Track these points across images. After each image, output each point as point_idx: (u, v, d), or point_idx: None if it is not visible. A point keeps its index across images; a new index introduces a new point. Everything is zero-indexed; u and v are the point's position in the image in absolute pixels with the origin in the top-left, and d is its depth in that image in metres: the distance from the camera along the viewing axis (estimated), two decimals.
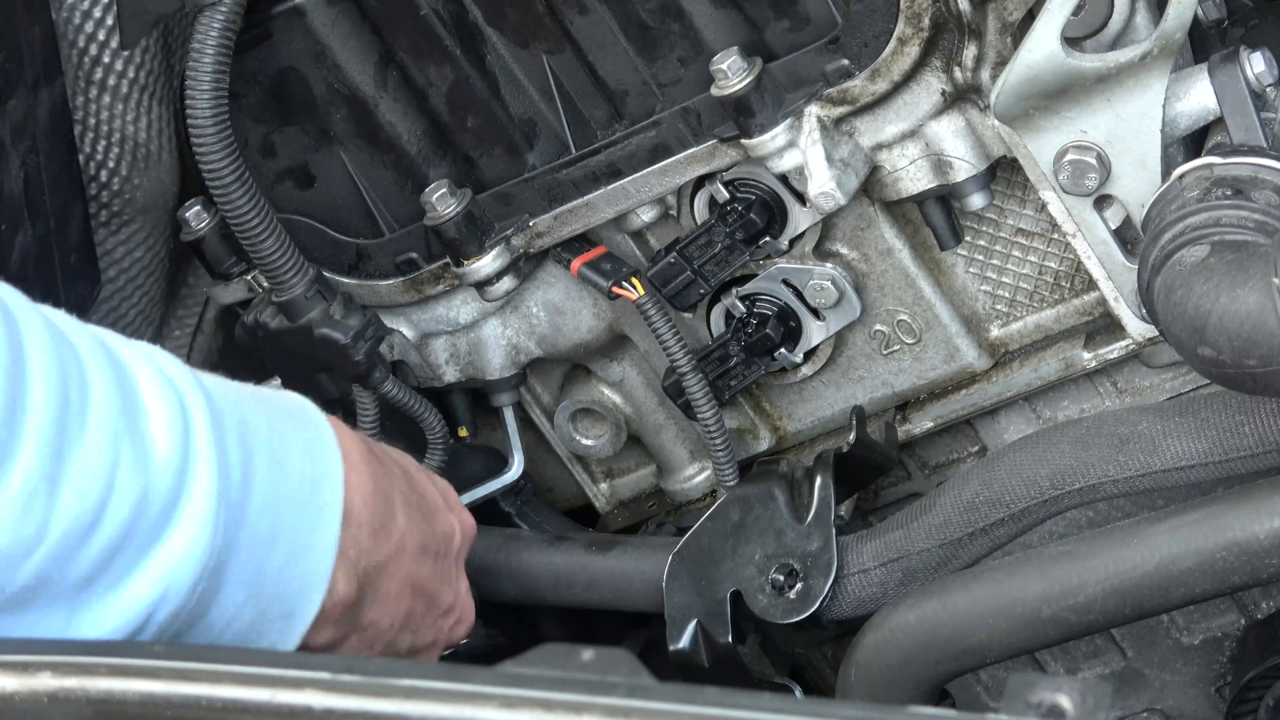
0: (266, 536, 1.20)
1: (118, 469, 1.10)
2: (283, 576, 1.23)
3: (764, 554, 1.58)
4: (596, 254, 1.59)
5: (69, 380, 1.10)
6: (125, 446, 1.11)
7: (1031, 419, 1.70)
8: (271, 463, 1.22)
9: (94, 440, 1.10)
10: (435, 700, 0.95)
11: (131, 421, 1.13)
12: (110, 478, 1.10)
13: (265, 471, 1.21)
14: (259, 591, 1.21)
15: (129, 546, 1.12)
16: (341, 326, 1.60)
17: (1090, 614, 1.42)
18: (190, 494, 1.14)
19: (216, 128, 1.49)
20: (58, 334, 1.12)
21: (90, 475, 1.09)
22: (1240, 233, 1.35)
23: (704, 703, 0.92)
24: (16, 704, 0.98)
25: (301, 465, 1.25)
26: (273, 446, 1.23)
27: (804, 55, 1.51)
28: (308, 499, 1.25)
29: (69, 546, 1.09)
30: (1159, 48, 1.42)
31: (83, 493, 1.09)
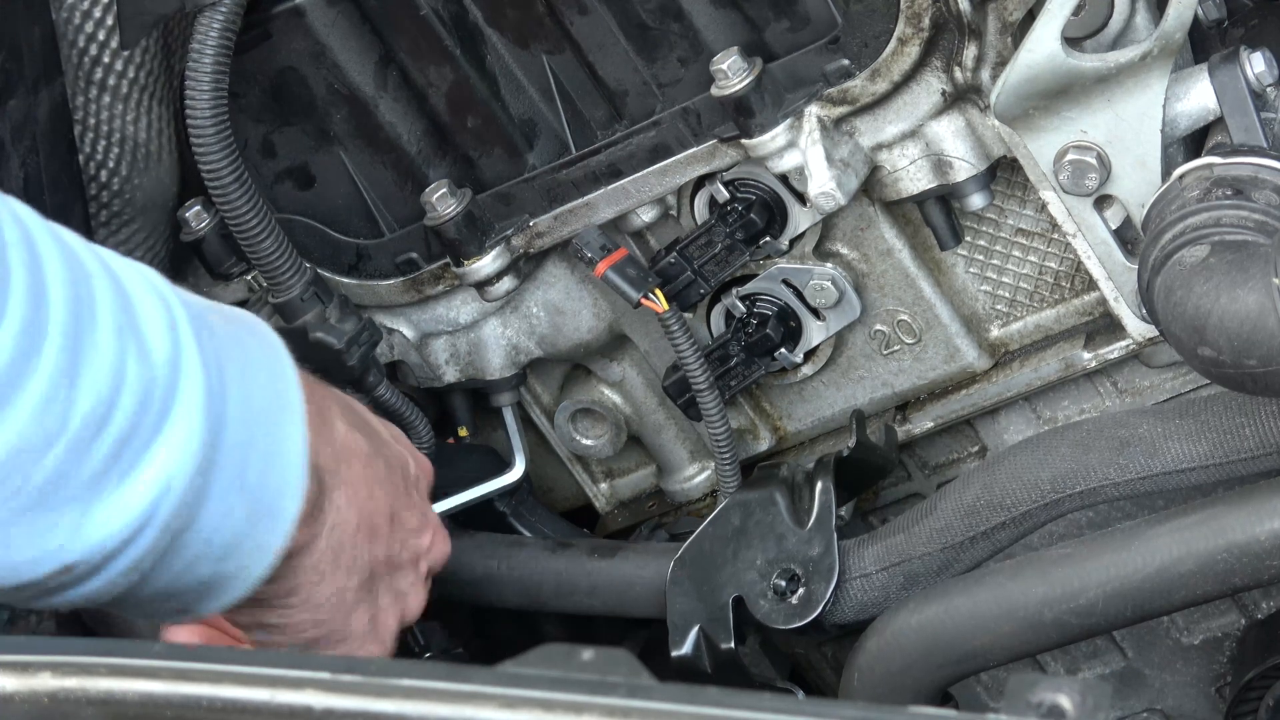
0: (244, 438, 1.24)
1: (126, 361, 1.15)
2: (263, 477, 1.26)
3: (765, 559, 1.58)
4: (619, 257, 1.59)
5: (79, 281, 1.15)
6: (129, 341, 1.16)
7: (1031, 419, 1.69)
8: (241, 368, 1.26)
9: (104, 336, 1.15)
10: (435, 700, 0.95)
11: (130, 319, 1.18)
12: (120, 370, 1.15)
13: (237, 376, 1.25)
14: (243, 491, 1.24)
15: (136, 438, 1.16)
16: (336, 331, 1.61)
17: (1092, 617, 1.42)
18: (183, 388, 1.19)
19: (216, 128, 1.49)
20: (62, 240, 1.17)
21: (103, 368, 1.14)
22: (1240, 233, 1.35)
23: (704, 703, 0.92)
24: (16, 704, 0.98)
25: (264, 372, 1.29)
26: (239, 354, 1.27)
27: (804, 55, 1.51)
28: (274, 402, 1.29)
29: (85, 438, 1.14)
30: (1159, 48, 1.42)
31: (98, 384, 1.14)
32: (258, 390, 1.27)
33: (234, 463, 1.24)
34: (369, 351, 1.63)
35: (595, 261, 1.58)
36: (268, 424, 1.27)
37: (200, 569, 1.25)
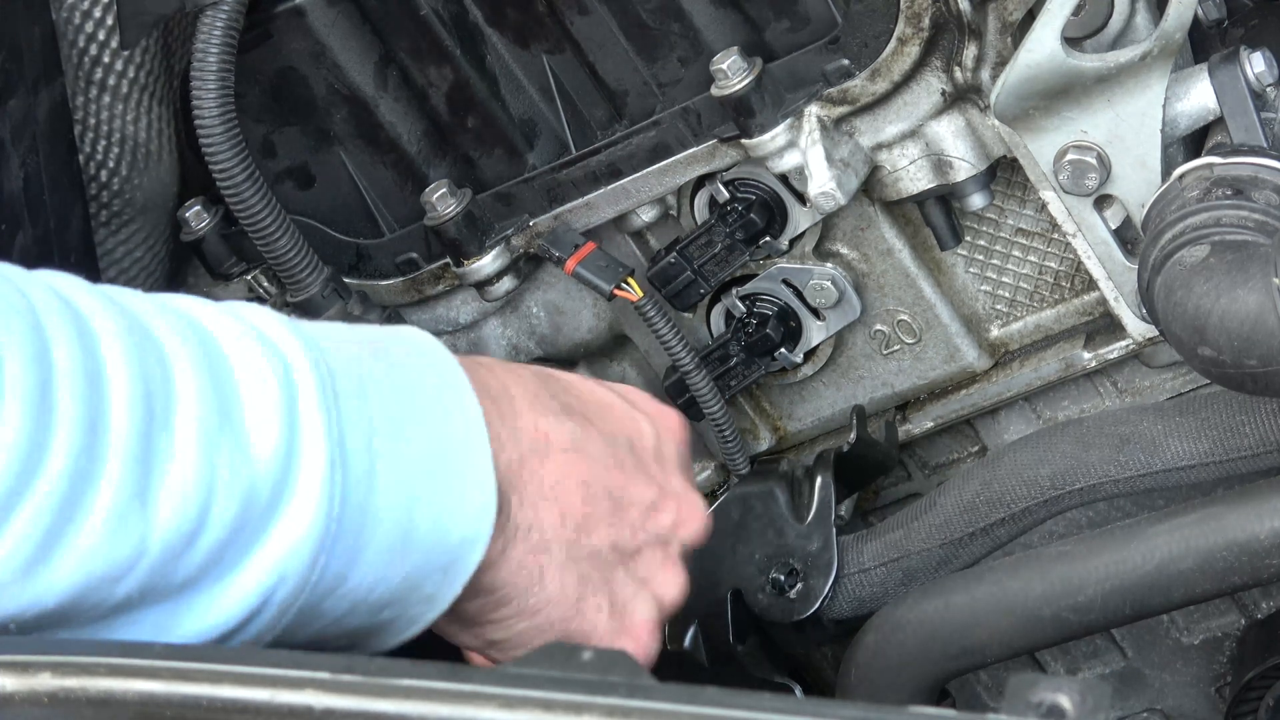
0: (404, 499, 1.14)
1: (216, 472, 1.05)
2: (437, 529, 1.16)
3: (764, 554, 1.58)
4: (587, 251, 1.58)
5: (152, 384, 1.04)
6: (222, 446, 1.06)
7: (1031, 419, 1.70)
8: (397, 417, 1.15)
9: (184, 448, 1.04)
10: (435, 700, 0.95)
11: (226, 415, 1.07)
12: (210, 480, 1.05)
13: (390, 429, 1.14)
14: (407, 555, 1.15)
15: (239, 540, 1.07)
16: (363, 323, 1.59)
17: (1090, 614, 1.43)
18: (298, 474, 1.09)
19: (225, 127, 1.48)
20: (136, 330, 1.06)
21: (186, 484, 1.04)
22: (1240, 233, 1.35)
23: (704, 703, 0.92)
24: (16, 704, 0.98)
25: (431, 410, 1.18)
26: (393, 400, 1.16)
27: (804, 55, 1.51)
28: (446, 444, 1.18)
29: (171, 556, 1.05)
30: (1159, 48, 1.42)
31: (180, 504, 1.04)
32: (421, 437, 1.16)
33: (390, 522, 1.13)
34: None
35: (564, 260, 1.57)
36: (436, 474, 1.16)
37: (350, 624, 1.16)
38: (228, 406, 1.07)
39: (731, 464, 1.66)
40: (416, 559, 1.16)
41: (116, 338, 1.04)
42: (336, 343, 1.16)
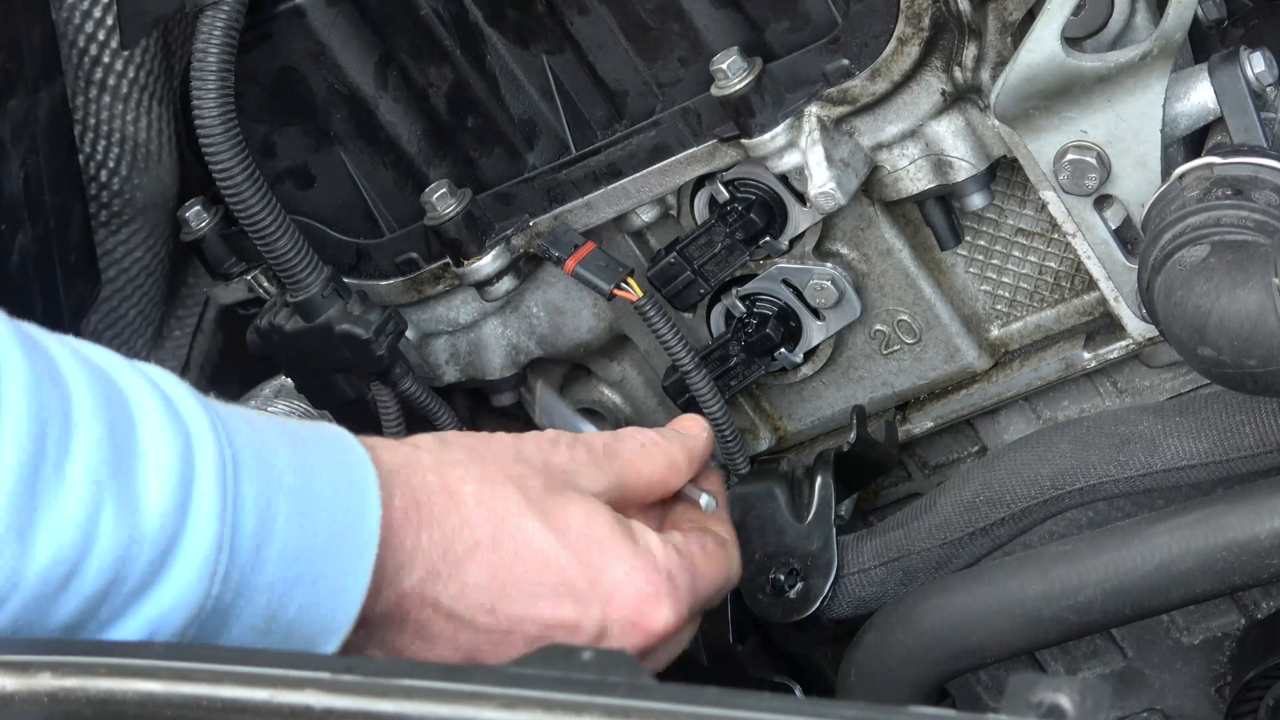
0: (284, 583, 1.17)
1: (100, 517, 1.07)
2: (301, 620, 1.19)
3: (764, 553, 1.58)
4: (587, 251, 1.58)
5: (48, 426, 1.06)
6: (109, 496, 1.08)
7: (1031, 419, 1.70)
8: (295, 509, 1.17)
9: (71, 492, 1.06)
10: (435, 700, 0.95)
11: (121, 470, 1.09)
12: (91, 527, 1.07)
13: (287, 518, 1.16)
14: (270, 631, 1.18)
15: (115, 596, 1.09)
16: (363, 322, 1.59)
17: (1090, 614, 1.43)
18: (186, 542, 1.11)
19: (225, 127, 1.48)
20: (45, 373, 1.08)
21: (67, 525, 1.06)
22: (1240, 233, 1.35)
23: (704, 703, 0.92)
24: (16, 704, 0.98)
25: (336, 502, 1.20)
26: (302, 491, 1.18)
27: (804, 55, 1.51)
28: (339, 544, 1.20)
29: (46, 595, 1.06)
30: (1159, 48, 1.42)
31: (58, 543, 1.06)
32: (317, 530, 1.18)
33: (266, 605, 1.16)
34: (396, 341, 1.62)
35: (564, 259, 1.58)
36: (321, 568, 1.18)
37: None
38: (124, 463, 1.09)
39: (731, 464, 1.66)
40: (278, 640, 1.18)
41: (20, 374, 1.06)
42: (248, 426, 1.17)
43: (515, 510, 1.29)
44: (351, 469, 1.22)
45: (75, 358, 1.11)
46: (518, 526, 1.29)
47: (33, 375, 1.06)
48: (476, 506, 1.29)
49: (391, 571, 1.24)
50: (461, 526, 1.28)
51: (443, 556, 1.27)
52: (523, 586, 1.29)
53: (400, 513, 1.25)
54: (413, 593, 1.26)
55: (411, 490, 1.26)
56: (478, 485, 1.29)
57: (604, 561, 1.31)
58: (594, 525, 1.32)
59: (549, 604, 1.29)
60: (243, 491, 1.14)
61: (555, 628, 1.30)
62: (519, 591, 1.29)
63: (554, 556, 1.29)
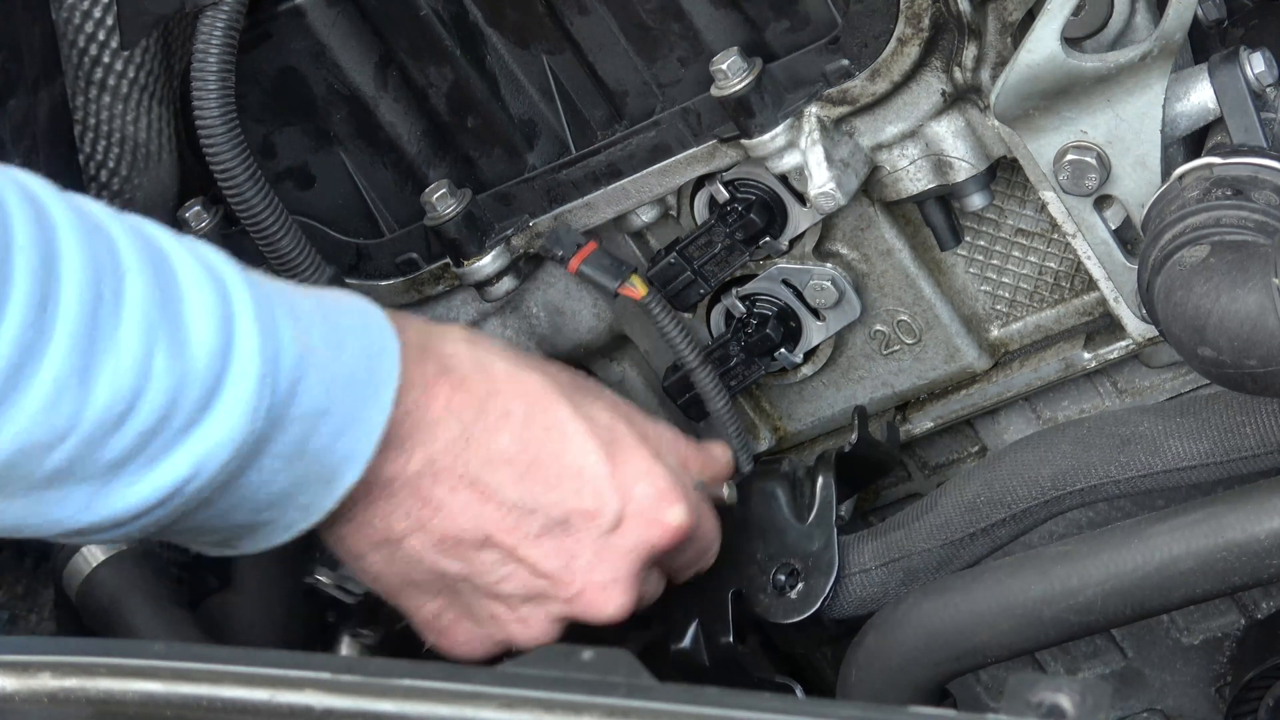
0: (316, 412, 1.22)
1: (153, 360, 1.13)
2: (327, 448, 1.25)
3: (765, 553, 1.58)
4: (590, 250, 1.58)
5: (103, 273, 1.13)
6: (161, 338, 1.14)
7: (1031, 419, 1.70)
8: (330, 342, 1.24)
9: (127, 334, 1.13)
10: (435, 700, 0.95)
11: (169, 312, 1.15)
12: (145, 369, 1.13)
13: (321, 350, 1.23)
14: (299, 461, 1.23)
15: (165, 432, 1.15)
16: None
17: (1091, 614, 1.42)
18: (232, 379, 1.17)
19: (226, 128, 1.49)
20: (92, 225, 1.14)
21: (124, 368, 1.12)
22: (1240, 233, 1.35)
23: (704, 703, 0.92)
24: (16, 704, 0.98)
25: (357, 345, 1.26)
26: (327, 330, 1.24)
27: (804, 55, 1.51)
28: (364, 376, 1.26)
29: (101, 434, 1.13)
30: (1159, 48, 1.42)
31: (116, 385, 1.12)
32: (345, 361, 1.25)
33: (297, 435, 1.22)
34: None
35: (568, 258, 1.58)
36: (349, 396, 1.25)
37: (233, 518, 1.24)
38: (171, 307, 1.15)
39: (736, 458, 1.65)
40: (305, 468, 1.24)
41: (73, 228, 1.12)
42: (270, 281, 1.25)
43: (546, 393, 1.36)
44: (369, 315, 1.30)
45: (111, 213, 1.17)
46: (548, 407, 1.35)
47: (83, 226, 1.13)
48: (509, 381, 1.35)
49: (425, 428, 1.31)
50: (493, 394, 1.34)
51: (475, 418, 1.33)
52: (550, 466, 1.35)
53: (431, 374, 1.31)
54: (445, 453, 1.32)
55: (443, 357, 1.33)
56: (510, 365, 1.36)
57: (626, 456, 1.37)
58: (617, 425, 1.39)
59: (572, 488, 1.35)
60: (280, 328, 1.20)
61: (575, 513, 1.36)
62: (546, 471, 1.35)
63: (580, 442, 1.35)
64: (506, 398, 1.35)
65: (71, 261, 1.12)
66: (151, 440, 1.15)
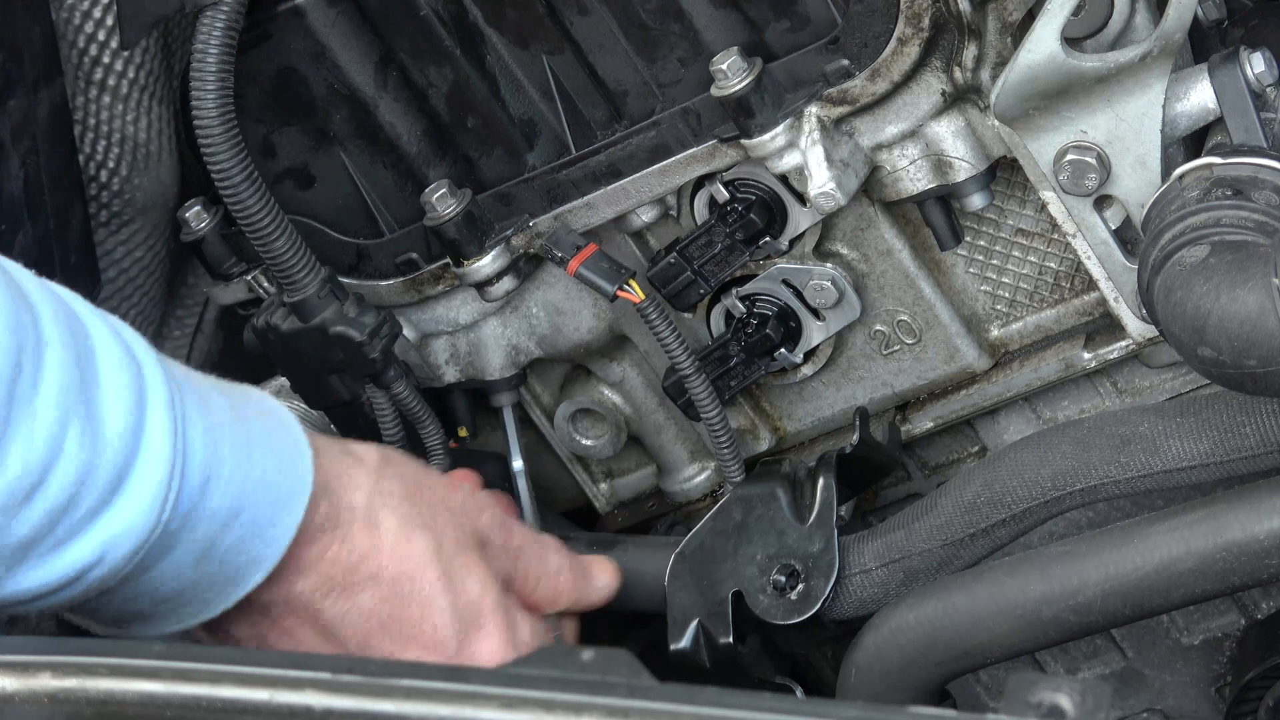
0: (226, 514, 1.22)
1: (66, 434, 1.12)
2: (235, 549, 1.25)
3: (766, 554, 1.58)
4: (590, 253, 1.58)
5: (25, 345, 1.11)
6: (75, 415, 1.13)
7: (1031, 419, 1.70)
8: (241, 443, 1.24)
9: (44, 406, 1.11)
10: (435, 700, 0.95)
11: (85, 392, 1.14)
12: (58, 442, 1.12)
13: (230, 452, 1.23)
14: (207, 560, 1.23)
15: (72, 513, 1.14)
16: (357, 324, 1.59)
17: (1090, 614, 1.42)
18: (141, 463, 1.16)
19: (224, 128, 1.48)
20: (18, 294, 1.13)
21: (37, 441, 1.11)
22: (1240, 233, 1.35)
23: (704, 703, 0.92)
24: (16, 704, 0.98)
25: (270, 454, 1.27)
26: (239, 430, 1.25)
27: (804, 55, 1.51)
28: (273, 485, 1.26)
29: (11, 505, 1.11)
30: (1159, 48, 1.42)
31: (28, 457, 1.10)
32: (257, 466, 1.25)
33: (206, 533, 1.22)
34: (390, 344, 1.62)
35: (566, 260, 1.58)
36: (258, 500, 1.25)
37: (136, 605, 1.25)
38: (87, 384, 1.14)
39: (726, 470, 1.65)
40: (211, 568, 1.24)
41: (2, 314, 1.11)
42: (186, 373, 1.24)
43: (423, 561, 1.37)
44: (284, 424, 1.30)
45: (38, 284, 1.16)
46: (418, 576, 1.37)
47: (9, 294, 1.12)
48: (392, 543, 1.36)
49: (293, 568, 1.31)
50: (371, 555, 1.35)
51: (344, 573, 1.34)
52: (402, 628, 1.37)
53: (321, 518, 1.32)
54: (303, 594, 1.33)
55: (337, 502, 1.33)
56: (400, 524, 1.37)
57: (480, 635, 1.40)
58: (485, 598, 1.41)
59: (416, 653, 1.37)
60: (191, 421, 1.20)
61: None
62: (397, 631, 1.37)
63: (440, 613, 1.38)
64: (382, 560, 1.36)
65: None
66: (60, 520, 1.13)
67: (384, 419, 1.66)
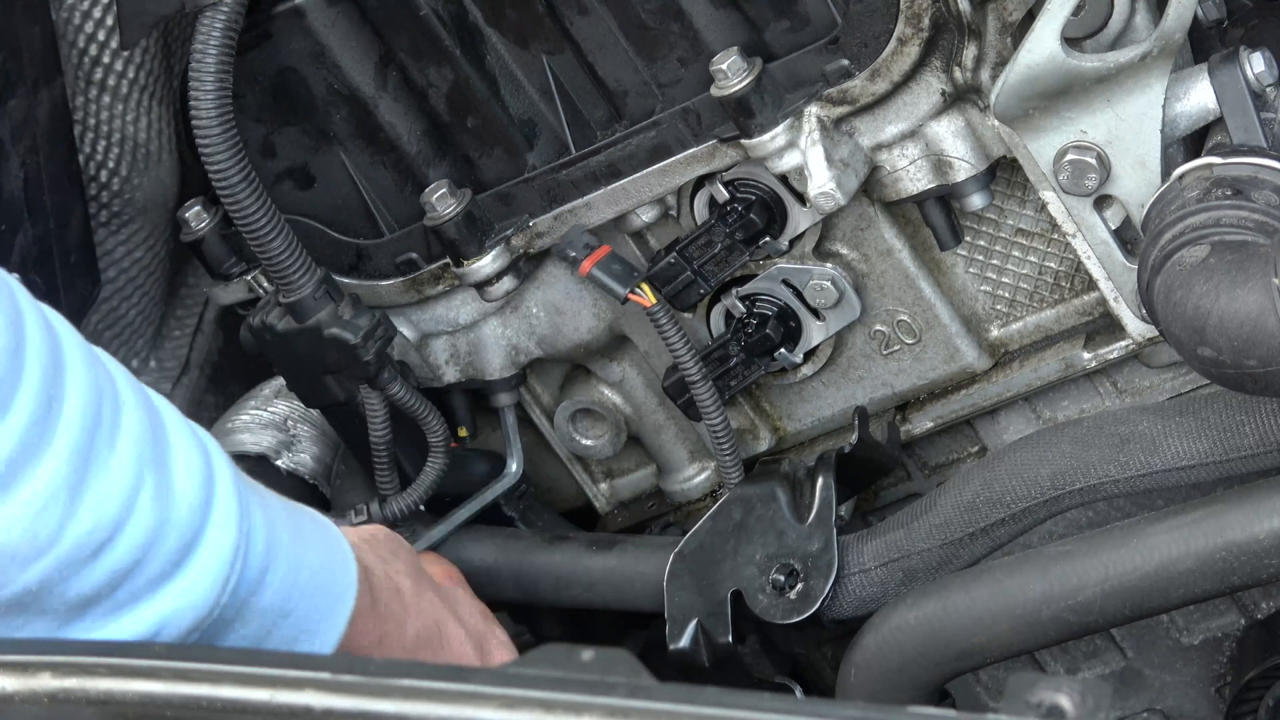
0: (276, 612, 1.20)
1: (140, 494, 1.10)
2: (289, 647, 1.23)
3: (765, 554, 1.58)
4: (603, 254, 1.59)
5: (104, 398, 1.10)
6: (149, 474, 1.11)
7: (1031, 419, 1.70)
8: (294, 539, 1.22)
9: (120, 461, 1.10)
10: (435, 700, 0.95)
11: (159, 454, 1.13)
12: (131, 501, 1.10)
13: (287, 544, 1.21)
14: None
15: (140, 574, 1.12)
16: (351, 326, 1.59)
17: (1090, 614, 1.43)
18: (208, 539, 1.15)
19: (222, 128, 1.48)
20: (91, 352, 1.12)
21: (112, 493, 1.09)
22: (1240, 233, 1.35)
23: (704, 703, 0.92)
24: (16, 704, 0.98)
25: (320, 553, 1.26)
26: (292, 526, 1.23)
27: (804, 55, 1.51)
28: (324, 585, 1.25)
29: (78, 560, 1.09)
30: (1159, 48, 1.42)
31: (101, 510, 1.09)
32: (309, 566, 1.24)
33: (257, 626, 1.20)
34: (384, 346, 1.62)
35: (580, 260, 1.58)
36: (312, 601, 1.24)
37: None
38: (160, 449, 1.13)
39: (726, 475, 1.65)
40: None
41: (77, 345, 1.11)
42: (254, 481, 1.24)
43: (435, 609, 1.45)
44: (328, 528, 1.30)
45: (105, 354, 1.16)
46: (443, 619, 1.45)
47: (85, 348, 1.12)
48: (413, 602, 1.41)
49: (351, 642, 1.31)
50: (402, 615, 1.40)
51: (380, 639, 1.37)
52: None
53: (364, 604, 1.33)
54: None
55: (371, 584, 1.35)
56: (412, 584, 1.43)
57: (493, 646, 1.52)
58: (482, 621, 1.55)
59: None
60: (253, 509, 1.18)
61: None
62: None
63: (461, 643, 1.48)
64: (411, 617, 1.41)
65: (76, 373, 1.10)
66: (122, 583, 1.12)
67: (374, 420, 1.66)
